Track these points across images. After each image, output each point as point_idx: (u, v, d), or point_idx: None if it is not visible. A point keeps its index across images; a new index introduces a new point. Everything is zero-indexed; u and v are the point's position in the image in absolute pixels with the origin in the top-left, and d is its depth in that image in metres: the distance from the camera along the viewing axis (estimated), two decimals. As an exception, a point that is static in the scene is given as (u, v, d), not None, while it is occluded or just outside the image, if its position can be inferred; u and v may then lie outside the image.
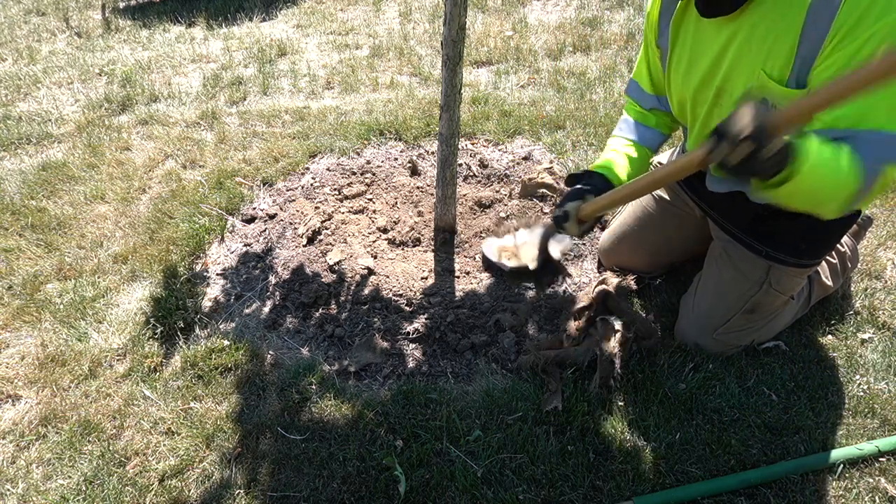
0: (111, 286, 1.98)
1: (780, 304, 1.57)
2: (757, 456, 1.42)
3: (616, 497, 1.35)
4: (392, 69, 3.46)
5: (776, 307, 1.57)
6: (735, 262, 1.54)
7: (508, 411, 1.53)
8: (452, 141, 1.86)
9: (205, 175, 2.50)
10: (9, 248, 2.14)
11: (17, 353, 1.77)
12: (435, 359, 1.70)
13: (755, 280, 1.52)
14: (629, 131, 1.61)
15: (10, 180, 2.52)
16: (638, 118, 1.61)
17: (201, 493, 1.40)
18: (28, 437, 1.54)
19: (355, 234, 2.12)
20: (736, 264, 1.54)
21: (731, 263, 1.55)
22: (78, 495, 1.40)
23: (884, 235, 2.04)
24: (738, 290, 1.55)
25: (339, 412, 1.55)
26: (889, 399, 1.54)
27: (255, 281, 1.99)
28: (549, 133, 2.67)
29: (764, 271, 1.50)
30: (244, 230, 2.22)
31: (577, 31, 3.72)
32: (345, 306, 1.85)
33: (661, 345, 1.67)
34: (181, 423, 1.54)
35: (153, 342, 1.78)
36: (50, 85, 3.38)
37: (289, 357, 1.73)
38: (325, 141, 2.67)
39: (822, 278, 1.70)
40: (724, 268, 1.57)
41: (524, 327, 1.75)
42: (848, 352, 1.66)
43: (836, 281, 1.74)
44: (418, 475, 1.39)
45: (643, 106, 1.59)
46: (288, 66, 3.53)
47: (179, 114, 3.01)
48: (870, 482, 1.36)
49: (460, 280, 1.96)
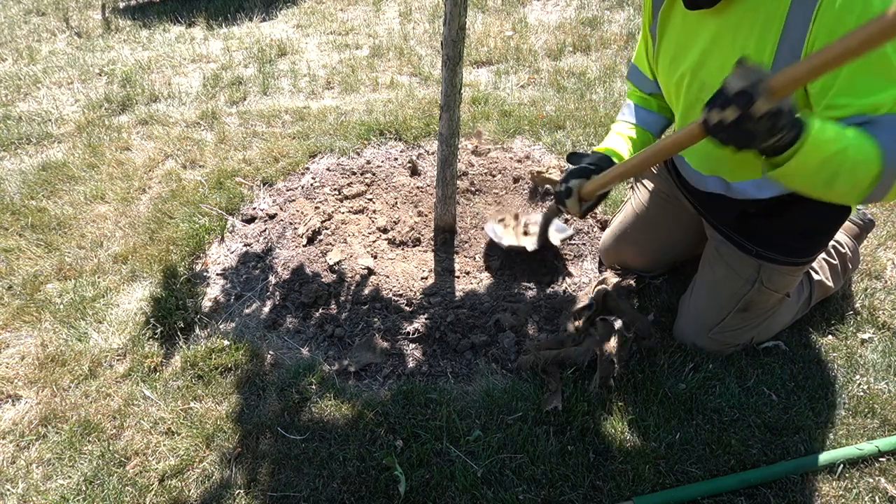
0: (111, 286, 1.98)
1: (774, 303, 1.56)
2: (757, 456, 1.42)
3: (616, 497, 1.35)
4: (392, 69, 3.46)
5: (771, 305, 1.56)
6: (727, 260, 1.54)
7: (508, 411, 1.53)
8: (452, 141, 1.86)
9: (205, 175, 2.50)
10: (9, 248, 2.14)
11: (17, 353, 1.77)
12: (435, 359, 1.70)
13: (747, 278, 1.51)
14: (630, 115, 1.61)
15: (10, 180, 2.52)
16: (640, 102, 1.62)
17: (201, 493, 1.40)
18: (28, 437, 1.54)
19: (355, 234, 2.12)
20: (728, 263, 1.53)
21: (723, 262, 1.55)
22: (78, 495, 1.40)
23: (884, 235, 2.04)
24: (730, 288, 1.54)
25: (339, 412, 1.55)
26: (889, 399, 1.54)
27: (255, 281, 1.99)
28: (549, 133, 2.67)
29: (755, 270, 1.49)
30: (244, 230, 2.22)
31: (577, 31, 3.72)
32: (345, 306, 1.85)
33: (661, 345, 1.67)
34: (181, 423, 1.54)
35: (153, 342, 1.78)
36: (50, 85, 3.38)
37: (289, 357, 1.73)
38: (325, 141, 2.67)
39: (823, 279, 1.70)
40: (716, 266, 1.57)
41: (524, 327, 1.75)
42: (848, 352, 1.66)
43: (836, 282, 1.74)
44: (418, 475, 1.39)
45: (643, 90, 1.60)
46: (288, 66, 3.54)
47: (179, 114, 3.01)
48: (870, 482, 1.36)
49: (460, 280, 1.96)
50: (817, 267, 1.71)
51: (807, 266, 1.49)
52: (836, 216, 1.37)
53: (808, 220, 1.35)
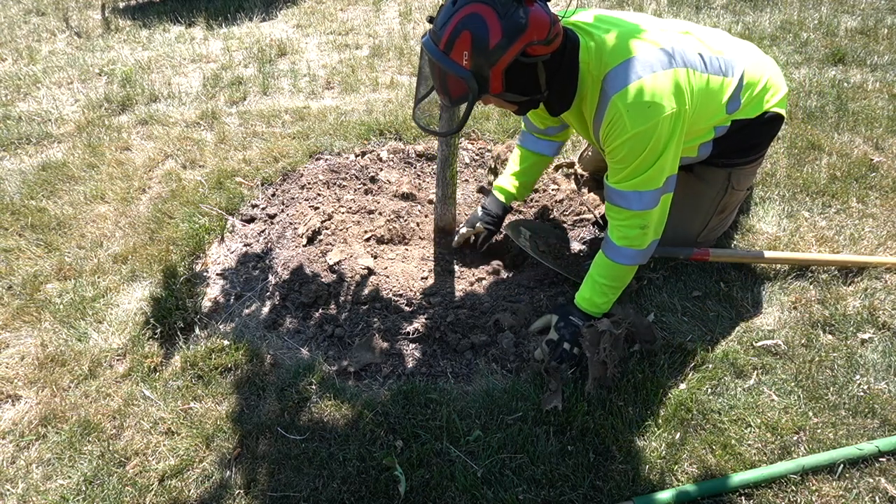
0: (111, 286, 1.98)
1: (741, 199, 1.95)
2: (757, 456, 1.42)
3: (616, 497, 1.35)
4: (392, 69, 3.46)
5: (738, 201, 1.94)
6: (700, 176, 1.87)
7: (508, 411, 1.53)
8: (452, 141, 1.86)
9: (205, 175, 2.50)
10: (9, 248, 2.14)
11: (17, 353, 1.77)
12: (435, 359, 1.70)
13: (720, 186, 1.85)
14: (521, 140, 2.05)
15: (10, 180, 2.52)
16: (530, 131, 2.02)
17: (201, 493, 1.40)
18: (28, 437, 1.54)
19: (355, 234, 2.11)
20: (703, 178, 1.86)
21: (696, 179, 1.87)
22: (78, 495, 1.40)
23: (884, 235, 2.04)
24: (708, 197, 1.86)
25: (339, 412, 1.55)
26: (889, 399, 1.54)
27: (254, 281, 1.99)
28: (549, 133, 2.67)
29: (725, 177, 1.83)
30: (244, 230, 2.22)
31: (577, 31, 3.71)
32: (345, 306, 1.85)
33: (661, 345, 1.67)
34: (181, 423, 1.54)
35: (153, 342, 1.78)
36: (50, 85, 3.38)
37: (288, 357, 1.73)
38: (325, 141, 2.67)
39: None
40: (694, 183, 1.87)
41: (524, 328, 1.75)
42: (848, 352, 1.66)
43: None
44: (418, 475, 1.39)
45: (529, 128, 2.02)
46: (288, 66, 3.54)
47: (179, 114, 3.01)
48: (870, 482, 1.36)
49: (460, 280, 1.96)
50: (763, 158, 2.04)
51: (762, 160, 1.88)
52: (771, 128, 1.76)
53: (750, 134, 1.71)
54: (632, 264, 1.61)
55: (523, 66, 1.37)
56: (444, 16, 1.34)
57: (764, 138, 1.79)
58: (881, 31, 3.61)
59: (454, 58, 1.32)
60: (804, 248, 2.00)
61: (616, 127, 1.43)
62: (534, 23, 1.31)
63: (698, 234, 1.93)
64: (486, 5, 1.29)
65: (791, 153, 2.49)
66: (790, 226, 2.10)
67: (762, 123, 1.70)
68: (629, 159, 1.45)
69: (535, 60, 1.38)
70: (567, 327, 1.62)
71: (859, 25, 3.73)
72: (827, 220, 2.13)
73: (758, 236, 2.07)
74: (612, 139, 1.46)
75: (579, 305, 1.66)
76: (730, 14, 4.02)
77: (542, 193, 2.30)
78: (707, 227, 1.92)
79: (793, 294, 1.84)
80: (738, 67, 1.62)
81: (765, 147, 1.84)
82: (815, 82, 3.06)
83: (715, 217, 1.90)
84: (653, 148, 1.43)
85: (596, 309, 1.65)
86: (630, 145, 1.43)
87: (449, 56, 1.33)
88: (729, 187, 1.84)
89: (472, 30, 1.29)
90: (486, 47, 1.30)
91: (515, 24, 1.29)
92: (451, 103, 1.45)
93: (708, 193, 1.86)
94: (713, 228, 1.94)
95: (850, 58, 3.31)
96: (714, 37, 1.66)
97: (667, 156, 1.46)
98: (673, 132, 1.44)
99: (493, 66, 1.33)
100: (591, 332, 1.56)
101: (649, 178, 1.47)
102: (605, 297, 1.64)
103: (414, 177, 2.49)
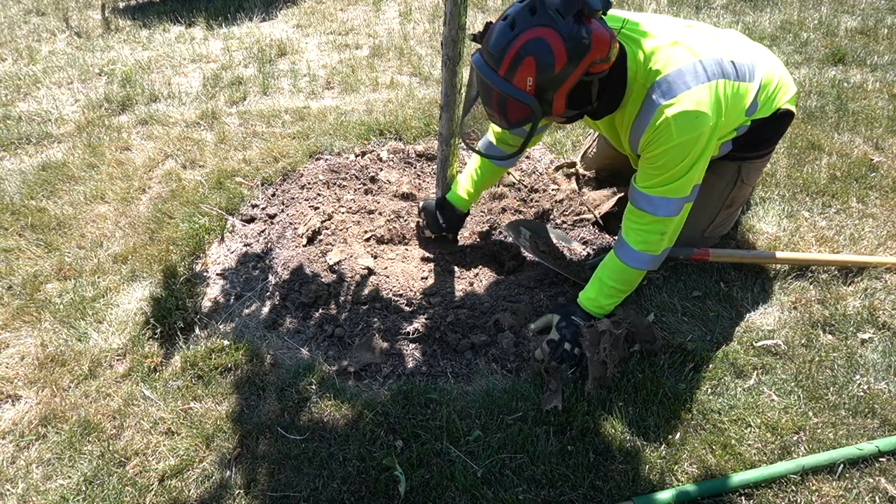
0: (111, 286, 1.98)
1: (747, 195, 1.96)
2: (757, 456, 1.42)
3: (616, 497, 1.35)
4: (392, 69, 3.46)
5: (745, 197, 1.94)
6: (711, 168, 1.74)
7: (508, 411, 1.53)
8: (452, 141, 1.86)
9: (205, 175, 2.50)
10: (9, 248, 2.14)
11: (17, 353, 1.77)
12: (435, 359, 1.70)
13: (730, 179, 1.85)
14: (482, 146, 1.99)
15: (10, 180, 2.52)
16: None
17: (201, 493, 1.40)
18: (28, 437, 1.54)
19: (355, 234, 2.11)
20: (712, 169, 1.74)
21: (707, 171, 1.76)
22: (78, 495, 1.40)
23: (884, 235, 2.04)
24: (717, 190, 1.86)
25: (339, 412, 1.55)
26: (889, 399, 1.54)
27: (254, 281, 1.99)
28: (550, 133, 2.67)
29: (735, 170, 1.84)
30: (244, 230, 2.22)
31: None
32: (345, 306, 1.85)
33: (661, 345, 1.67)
34: (181, 423, 1.54)
35: (153, 342, 1.78)
36: (50, 85, 3.38)
37: (288, 357, 1.73)
38: (325, 141, 2.67)
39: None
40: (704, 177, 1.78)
41: (524, 328, 1.75)
42: (848, 352, 1.66)
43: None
44: (418, 475, 1.39)
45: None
46: (288, 66, 3.54)
47: (179, 114, 3.01)
48: (870, 482, 1.36)
49: (460, 280, 1.96)
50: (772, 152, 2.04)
51: (771, 155, 1.89)
52: (781, 124, 1.78)
53: (760, 128, 1.71)
54: (643, 269, 1.63)
55: (584, 84, 1.37)
56: (501, 39, 1.29)
57: (774, 134, 1.81)
58: (881, 31, 3.62)
59: (517, 84, 1.30)
60: (804, 248, 2.00)
61: (662, 135, 1.44)
62: (596, 42, 1.30)
63: (705, 228, 1.93)
64: (549, 28, 1.26)
65: (791, 153, 2.49)
66: (790, 226, 2.10)
67: (774, 120, 1.72)
68: (668, 167, 1.47)
69: (595, 77, 1.37)
70: (569, 327, 1.62)
71: (859, 25, 3.73)
72: (827, 220, 2.13)
73: (758, 236, 2.07)
74: (654, 146, 1.47)
75: (583, 305, 1.66)
76: (730, 14, 4.02)
77: (542, 193, 2.30)
78: (714, 223, 1.92)
79: (793, 294, 1.84)
80: (758, 71, 1.64)
81: (775, 142, 1.86)
82: (815, 82, 3.06)
83: (723, 211, 1.91)
84: (692, 157, 1.46)
85: (600, 310, 1.65)
86: (672, 153, 1.45)
87: (511, 83, 1.30)
88: (738, 180, 1.85)
89: (536, 56, 1.27)
90: (552, 73, 1.28)
91: (579, 46, 1.27)
92: (510, 126, 1.42)
93: (717, 186, 1.86)
94: (719, 224, 1.94)
95: (850, 58, 3.31)
96: (736, 41, 1.67)
97: (699, 165, 1.49)
98: (709, 142, 1.47)
99: (557, 89, 1.32)
100: (591, 332, 1.56)
101: (681, 185, 1.50)
102: (611, 299, 1.65)
103: (414, 177, 2.49)
